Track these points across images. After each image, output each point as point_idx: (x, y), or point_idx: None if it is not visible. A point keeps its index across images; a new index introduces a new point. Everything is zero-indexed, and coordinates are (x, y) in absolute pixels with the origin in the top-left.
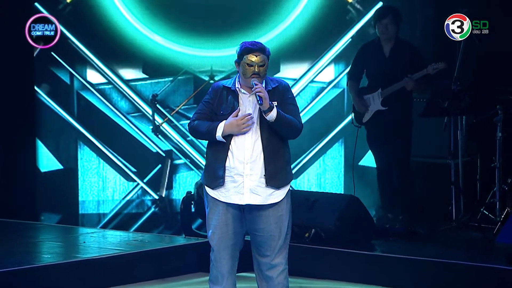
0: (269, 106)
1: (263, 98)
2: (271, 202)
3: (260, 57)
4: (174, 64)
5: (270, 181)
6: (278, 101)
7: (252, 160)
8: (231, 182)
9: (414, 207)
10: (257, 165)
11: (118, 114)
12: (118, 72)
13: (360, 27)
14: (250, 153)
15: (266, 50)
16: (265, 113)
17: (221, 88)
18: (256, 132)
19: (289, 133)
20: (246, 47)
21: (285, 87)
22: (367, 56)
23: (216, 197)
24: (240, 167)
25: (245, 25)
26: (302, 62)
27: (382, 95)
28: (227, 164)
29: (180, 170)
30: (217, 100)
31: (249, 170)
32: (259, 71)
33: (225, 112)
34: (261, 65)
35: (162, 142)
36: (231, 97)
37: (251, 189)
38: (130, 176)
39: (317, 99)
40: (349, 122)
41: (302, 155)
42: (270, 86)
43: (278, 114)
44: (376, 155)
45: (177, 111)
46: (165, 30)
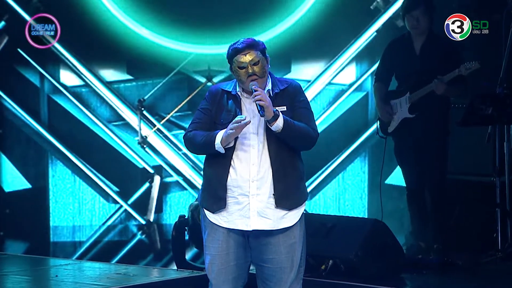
0: (273, 114)
1: (264, 106)
2: (283, 227)
3: (251, 55)
4: (165, 63)
5: (280, 201)
6: (288, 105)
7: (259, 177)
8: (235, 204)
9: (452, 234)
10: (265, 183)
11: (98, 123)
12: (98, 72)
13: (388, 19)
14: (256, 168)
15: (258, 44)
16: (269, 123)
17: (220, 92)
18: (263, 143)
19: (302, 143)
20: (232, 49)
21: (296, 88)
22: (396, 53)
23: (217, 222)
24: (245, 186)
25: (249, 17)
26: (317, 61)
27: (410, 100)
28: (229, 183)
29: (171, 190)
30: (216, 107)
31: (256, 189)
32: (254, 71)
33: (226, 120)
34: (254, 63)
35: (150, 156)
36: (232, 103)
37: (259, 212)
38: (111, 197)
39: (335, 105)
40: (374, 132)
41: (318, 171)
42: (278, 87)
43: (285, 123)
44: (406, 172)
45: (168, 119)
46: (154, 22)
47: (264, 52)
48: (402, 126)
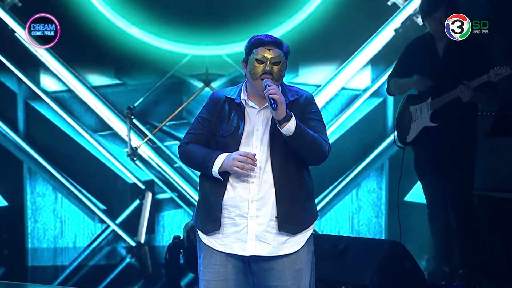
0: (285, 114)
1: (278, 101)
2: (284, 253)
3: (275, 52)
4: (158, 66)
5: (283, 225)
6: (297, 118)
7: (259, 197)
8: (231, 226)
9: (479, 258)
10: (266, 204)
11: (82, 133)
12: (83, 76)
13: (407, 17)
14: (256, 187)
15: (284, 45)
16: (280, 124)
17: (222, 99)
18: (266, 158)
19: (312, 155)
20: (257, 39)
21: (307, 99)
22: (416, 54)
23: (211, 245)
24: (243, 206)
25: (251, 15)
26: (328, 63)
27: (432, 106)
28: (225, 202)
29: (165, 208)
30: (216, 116)
31: (255, 211)
32: (272, 70)
33: (226, 133)
34: (275, 62)
35: (140, 170)
36: (235, 113)
37: (258, 236)
38: (97, 216)
39: (348, 112)
40: (392, 142)
41: (328, 187)
42: (288, 98)
43: (298, 127)
44: (427, 188)
45: (161, 129)
46: (146, 20)
47: (287, 57)
48: (423, 135)
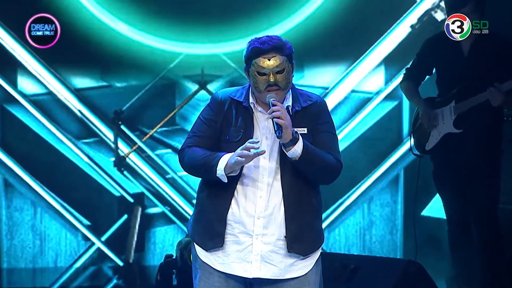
0: (291, 137)
1: (283, 126)
2: (292, 277)
3: (276, 60)
4: (148, 66)
5: (293, 245)
6: (309, 127)
7: (267, 214)
8: (234, 244)
9: (505, 279)
10: (274, 222)
11: (64, 140)
12: (64, 77)
13: (425, 11)
14: (264, 203)
15: (285, 47)
16: (285, 148)
17: (228, 100)
18: (275, 171)
19: (321, 176)
20: (254, 48)
21: (321, 106)
22: (438, 52)
23: (210, 263)
24: (249, 222)
25: (252, 10)
26: (337, 63)
27: (456, 110)
28: (229, 217)
29: (156, 223)
30: (222, 118)
31: (262, 229)
32: (276, 81)
33: (233, 138)
34: (278, 71)
35: (129, 181)
36: (243, 118)
37: (263, 256)
38: (81, 233)
39: (359, 117)
40: (409, 150)
41: (338, 200)
42: (300, 104)
43: (304, 150)
44: (448, 201)
45: (152, 136)
46: (135, 16)
47: (291, 58)
48: (444, 143)
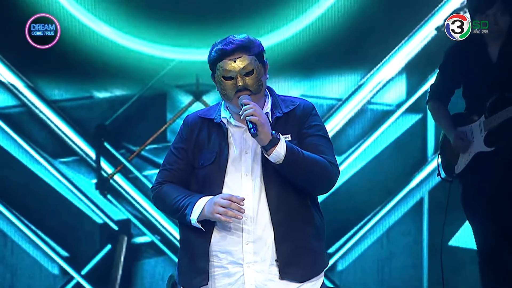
0: (271, 137)
1: (258, 124)
2: None
3: (243, 61)
4: (135, 74)
5: (286, 270)
6: (294, 133)
7: (255, 238)
8: (224, 277)
9: None
10: (264, 245)
11: (38, 158)
12: (40, 87)
13: (452, 11)
14: (251, 225)
15: (253, 45)
16: (266, 151)
17: (199, 122)
18: (260, 188)
19: (314, 181)
20: (217, 51)
21: (306, 109)
22: (463, 60)
23: None
24: (236, 250)
25: (253, 10)
26: (351, 71)
27: (487, 126)
28: (213, 247)
29: (144, 255)
30: (193, 144)
31: (252, 255)
32: (245, 84)
33: (207, 162)
34: (246, 73)
35: (113, 206)
36: (216, 136)
37: (258, 287)
38: (58, 265)
39: (377, 133)
40: (434, 170)
41: (351, 229)
42: (280, 110)
43: (289, 150)
44: (478, 230)
45: (139, 154)
46: (119, 17)
47: (262, 57)
48: (475, 164)
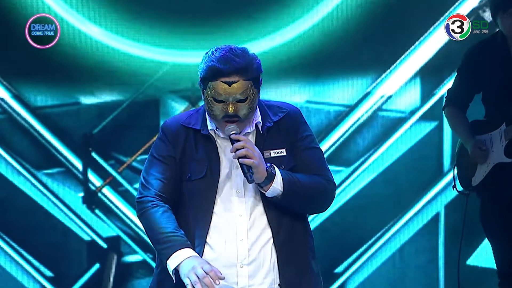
0: (266, 174)
1: (253, 166)
2: None
3: (239, 86)
4: (125, 78)
5: None
6: (287, 145)
7: (251, 260)
8: None
9: None
10: (261, 268)
11: (20, 170)
12: (22, 92)
13: (471, 10)
14: (246, 246)
15: (252, 68)
16: (261, 188)
17: (182, 130)
18: (255, 207)
19: (313, 206)
20: (212, 68)
21: (295, 116)
22: (484, 63)
23: None
24: (231, 274)
25: (253, 10)
26: (360, 75)
27: (508, 135)
28: None
29: (135, 274)
30: (180, 153)
31: (247, 279)
32: (236, 111)
33: (196, 175)
34: (240, 100)
35: (101, 222)
36: (204, 149)
37: None
38: (42, 286)
39: (389, 142)
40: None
41: (361, 246)
42: (270, 119)
43: (286, 184)
44: (498, 247)
45: (130, 165)
46: (108, 16)
47: (258, 79)
48: (494, 176)
